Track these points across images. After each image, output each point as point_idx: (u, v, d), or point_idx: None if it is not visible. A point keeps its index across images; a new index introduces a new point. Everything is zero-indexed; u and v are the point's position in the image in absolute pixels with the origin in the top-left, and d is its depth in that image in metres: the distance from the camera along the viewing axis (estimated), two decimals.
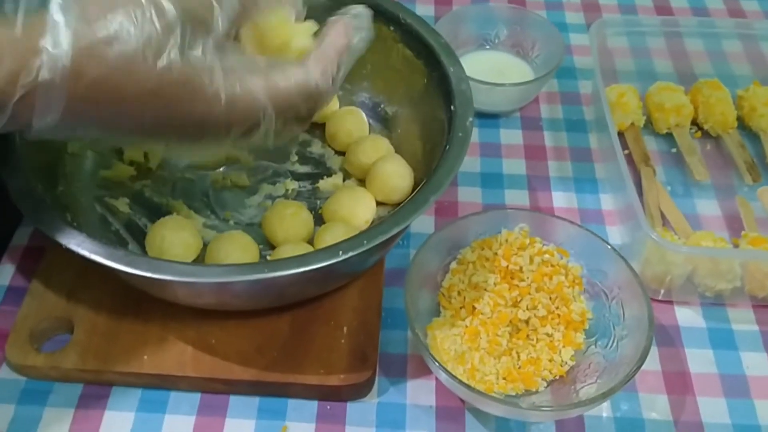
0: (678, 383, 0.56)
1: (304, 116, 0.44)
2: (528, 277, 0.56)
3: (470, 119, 0.56)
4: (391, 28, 0.64)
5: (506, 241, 0.58)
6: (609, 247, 0.56)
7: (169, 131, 0.42)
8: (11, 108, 0.37)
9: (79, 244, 0.47)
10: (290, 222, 0.59)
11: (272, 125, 0.43)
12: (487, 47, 0.80)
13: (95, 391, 0.54)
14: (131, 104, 0.39)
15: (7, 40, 0.37)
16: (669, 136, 0.73)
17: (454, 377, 0.48)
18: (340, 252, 0.47)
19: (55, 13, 0.37)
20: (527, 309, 0.56)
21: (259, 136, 0.43)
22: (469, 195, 0.68)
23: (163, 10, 0.39)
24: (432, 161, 0.58)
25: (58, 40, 0.37)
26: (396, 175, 0.61)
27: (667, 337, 0.59)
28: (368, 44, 0.47)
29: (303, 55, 0.44)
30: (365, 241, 0.48)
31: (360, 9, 0.47)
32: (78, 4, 0.38)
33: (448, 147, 0.54)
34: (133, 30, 0.38)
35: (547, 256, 0.57)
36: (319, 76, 0.43)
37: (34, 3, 0.38)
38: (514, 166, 0.71)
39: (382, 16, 0.63)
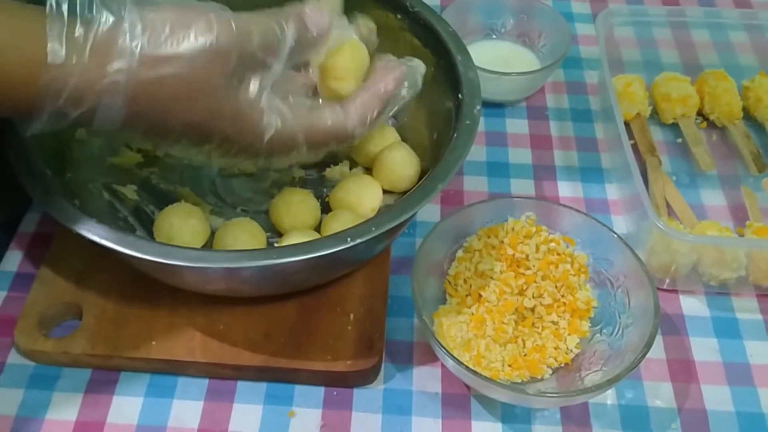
0: (682, 371, 0.56)
1: (332, 151, 0.49)
2: (534, 266, 0.57)
3: (478, 107, 0.56)
4: (399, 16, 0.64)
5: (512, 229, 0.58)
6: (615, 235, 0.56)
7: (209, 153, 0.46)
8: (75, 116, 0.41)
9: (90, 230, 0.47)
10: (297, 209, 0.59)
11: (301, 158, 0.48)
12: (494, 36, 0.80)
13: (104, 376, 0.54)
14: (175, 130, 0.43)
15: (78, 61, 0.39)
16: (675, 127, 0.73)
17: (460, 363, 0.49)
18: (348, 239, 0.48)
19: (123, 38, 0.40)
20: (533, 297, 0.56)
21: (285, 161, 0.48)
22: (475, 184, 0.68)
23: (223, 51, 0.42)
24: (439, 150, 0.58)
25: (124, 64, 0.39)
26: (403, 163, 0.61)
27: (671, 326, 0.59)
28: (414, 96, 0.51)
29: (352, 89, 0.48)
30: (373, 228, 0.48)
31: (417, 62, 0.51)
32: (147, 27, 0.40)
33: (455, 135, 0.54)
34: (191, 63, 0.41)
35: (553, 244, 0.57)
36: (356, 122, 0.47)
37: (104, 25, 0.40)
38: (520, 155, 0.71)
39: (389, 4, 0.63)
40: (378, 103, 0.48)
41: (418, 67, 0.51)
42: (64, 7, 0.39)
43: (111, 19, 0.39)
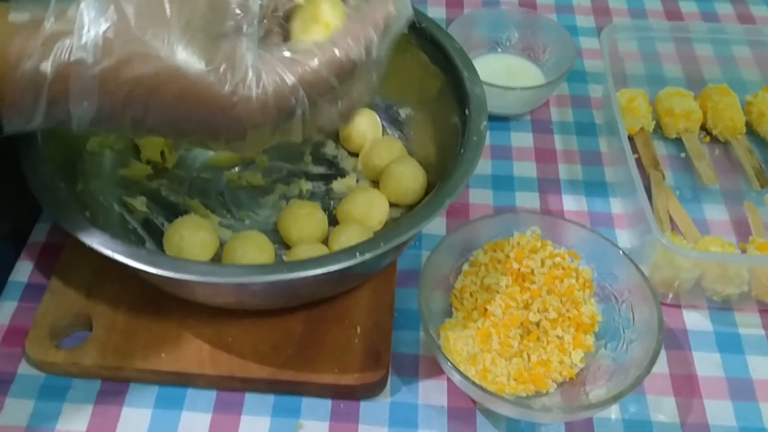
0: (685, 386, 0.57)
1: (340, 91, 0.43)
2: (539, 280, 0.57)
3: (484, 123, 0.57)
4: (406, 31, 0.64)
5: (518, 243, 0.59)
6: (619, 251, 0.56)
7: (201, 129, 0.42)
8: (47, 91, 0.38)
9: (102, 243, 0.48)
10: (305, 222, 0.60)
11: (306, 107, 0.42)
12: (499, 50, 0.80)
13: (113, 387, 0.55)
14: (159, 98, 0.40)
15: (40, 20, 0.38)
16: (678, 141, 0.74)
17: (467, 378, 0.49)
18: (357, 254, 0.48)
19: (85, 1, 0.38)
20: (538, 311, 0.56)
21: (297, 122, 0.43)
22: (480, 197, 0.69)
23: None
24: (445, 164, 0.59)
25: (87, 20, 0.38)
26: (409, 177, 0.62)
27: (675, 341, 0.60)
28: (405, 23, 0.45)
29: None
30: (382, 244, 0.49)
31: None
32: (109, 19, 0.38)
33: (462, 151, 0.55)
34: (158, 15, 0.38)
35: (558, 259, 0.58)
36: (348, 47, 0.42)
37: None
38: (525, 168, 0.72)
39: None
40: (368, 23, 0.43)
41: None
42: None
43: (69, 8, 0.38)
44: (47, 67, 0.38)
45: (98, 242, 0.48)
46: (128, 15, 0.39)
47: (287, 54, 0.42)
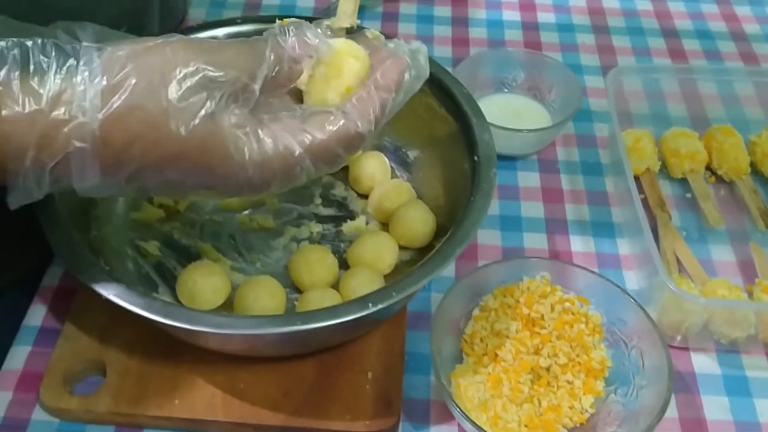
0: (694, 430, 0.57)
1: (342, 160, 0.44)
2: (549, 325, 0.58)
3: (493, 170, 0.58)
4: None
5: (528, 288, 0.59)
6: (629, 297, 0.57)
7: (201, 189, 0.43)
8: (49, 174, 0.39)
9: (119, 295, 0.48)
10: (316, 267, 0.60)
11: (311, 174, 0.43)
12: (505, 90, 0.81)
13: None
14: (156, 167, 0.40)
15: (36, 110, 0.37)
16: (683, 181, 0.75)
17: (479, 428, 0.50)
18: (370, 304, 0.49)
19: (81, 82, 0.38)
20: (548, 356, 0.57)
21: (298, 183, 0.44)
22: (488, 238, 0.70)
23: (194, 77, 0.40)
24: (454, 206, 0.59)
25: (84, 109, 0.38)
26: (419, 221, 0.63)
27: (683, 384, 0.60)
28: (422, 83, 0.45)
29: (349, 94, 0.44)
30: (394, 293, 0.50)
31: (417, 45, 0.45)
32: (105, 69, 0.38)
33: (472, 199, 0.56)
34: (156, 98, 0.39)
35: (567, 304, 0.59)
36: (359, 121, 0.43)
37: (60, 71, 0.38)
38: (532, 209, 0.73)
39: None
40: (379, 96, 0.43)
41: (420, 48, 0.45)
42: (15, 52, 0.37)
43: (68, 63, 0.38)
44: (47, 157, 0.38)
45: (114, 294, 0.48)
46: (126, 85, 0.38)
47: (296, 121, 0.43)
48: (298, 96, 0.47)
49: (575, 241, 0.70)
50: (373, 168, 0.68)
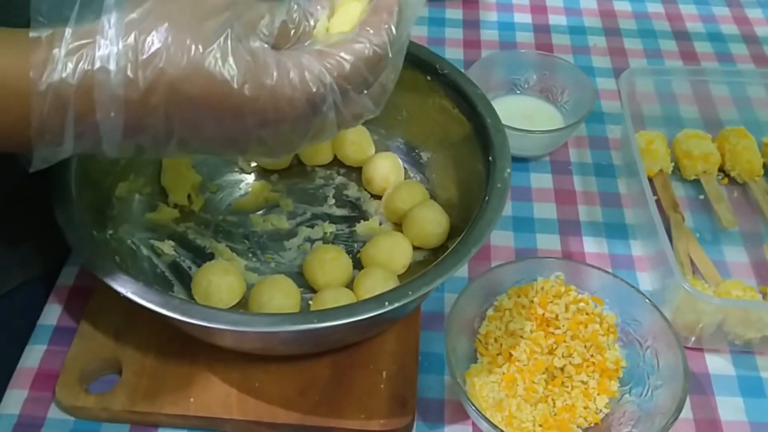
0: (709, 431, 0.57)
1: (368, 83, 0.43)
2: (563, 325, 0.58)
3: (508, 171, 0.58)
4: (429, 77, 0.65)
5: (542, 288, 0.59)
6: (643, 297, 0.57)
7: (231, 130, 0.42)
8: (73, 104, 0.38)
9: (137, 293, 0.49)
10: (330, 267, 0.60)
11: (337, 95, 0.41)
12: (518, 92, 0.82)
13: (142, 431, 0.55)
14: (187, 105, 0.39)
15: (59, 39, 0.38)
16: (696, 183, 0.75)
17: (495, 426, 0.50)
18: (386, 303, 0.49)
19: (107, 15, 0.38)
20: (563, 356, 0.57)
21: (330, 113, 0.42)
22: (501, 239, 0.70)
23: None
24: (467, 207, 0.60)
25: (109, 33, 0.38)
26: (432, 221, 0.63)
27: (698, 385, 0.60)
28: (423, 3, 0.45)
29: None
30: (410, 292, 0.50)
31: None
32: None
33: (487, 199, 0.56)
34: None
35: (582, 304, 0.59)
36: (374, 40, 0.42)
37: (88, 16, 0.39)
38: (545, 210, 0.73)
39: (419, 65, 0.65)
40: (387, 15, 0.43)
41: None
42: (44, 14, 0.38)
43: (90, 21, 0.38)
44: (71, 76, 0.38)
45: (132, 292, 0.49)
46: (151, 20, 0.39)
47: (317, 48, 0.42)
48: None
49: (588, 243, 0.70)
50: (387, 169, 0.68)
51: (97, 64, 0.38)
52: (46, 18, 0.38)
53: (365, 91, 0.44)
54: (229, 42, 0.39)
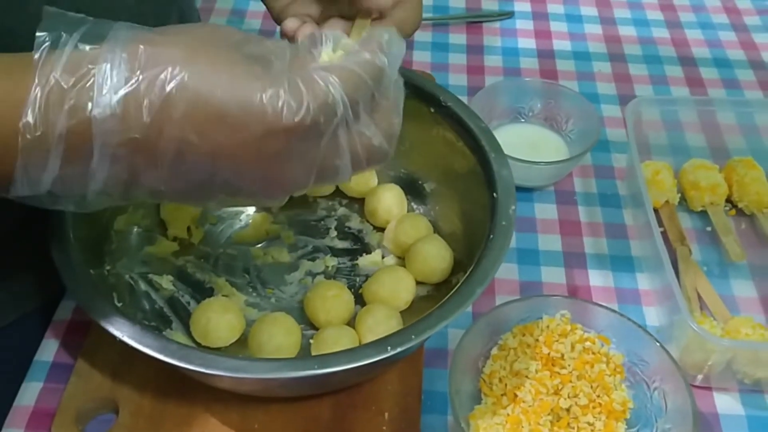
0: None
1: (375, 97, 0.42)
2: (569, 365, 0.57)
3: (513, 208, 0.57)
4: (432, 109, 0.65)
5: (547, 327, 0.58)
6: (651, 338, 0.56)
7: (238, 154, 0.40)
8: (65, 140, 0.37)
9: (133, 337, 0.47)
10: (332, 304, 0.59)
11: (347, 105, 0.40)
12: (522, 120, 0.81)
13: None
14: (200, 133, 0.38)
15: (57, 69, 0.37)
16: (703, 214, 0.74)
17: None
18: (389, 347, 0.48)
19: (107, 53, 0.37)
20: (568, 397, 0.56)
21: (343, 135, 0.41)
22: (505, 272, 0.69)
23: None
24: (472, 242, 0.59)
25: (111, 75, 0.37)
26: (436, 256, 0.62)
27: (706, 425, 0.59)
28: (402, 48, 0.45)
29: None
30: (413, 336, 0.49)
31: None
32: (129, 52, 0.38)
33: (492, 237, 0.55)
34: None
35: (588, 343, 0.57)
36: (373, 52, 0.42)
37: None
38: (550, 242, 0.72)
39: (422, 97, 0.64)
40: (376, 40, 0.42)
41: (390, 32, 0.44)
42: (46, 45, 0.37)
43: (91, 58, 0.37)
44: (64, 118, 0.37)
45: (128, 336, 0.48)
46: (156, 53, 0.38)
47: (320, 64, 0.42)
48: None
49: (594, 276, 0.69)
50: (390, 201, 0.67)
51: (97, 110, 0.37)
52: (45, 50, 0.37)
53: (374, 123, 0.43)
54: (237, 62, 0.39)
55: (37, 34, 0.38)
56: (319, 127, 0.40)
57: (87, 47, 0.38)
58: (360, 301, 0.62)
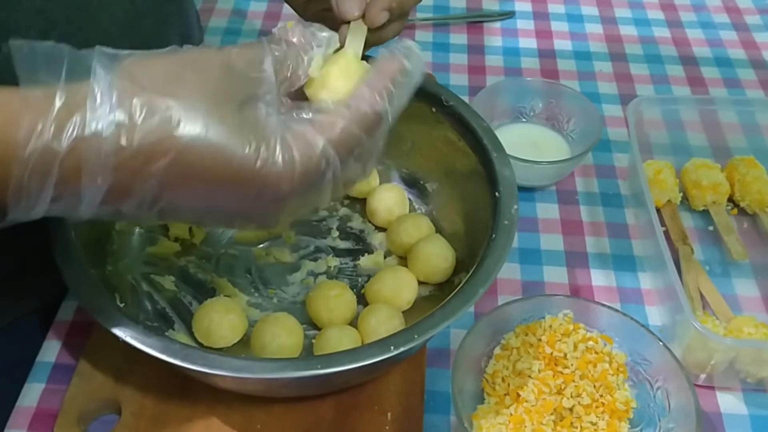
0: None
1: (368, 146, 0.42)
2: (572, 364, 0.57)
3: (515, 207, 0.57)
4: (434, 109, 0.65)
5: (550, 327, 0.58)
6: (654, 337, 0.56)
7: (225, 203, 0.40)
8: (57, 168, 0.36)
9: (135, 338, 0.47)
10: (334, 304, 0.59)
11: (338, 168, 0.40)
12: (523, 120, 0.81)
13: None
14: (178, 168, 0.37)
15: (49, 103, 0.36)
16: (705, 213, 0.74)
17: None
18: (392, 347, 0.48)
19: (98, 78, 0.36)
20: (571, 397, 0.56)
21: (327, 186, 0.41)
22: (508, 271, 0.68)
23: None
24: (474, 241, 0.59)
25: (101, 98, 0.36)
26: (438, 256, 0.62)
27: (709, 424, 0.59)
28: (422, 72, 0.45)
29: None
30: (415, 336, 0.49)
31: (408, 42, 0.44)
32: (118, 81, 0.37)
33: (494, 236, 0.55)
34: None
35: (591, 343, 0.57)
36: (374, 101, 0.41)
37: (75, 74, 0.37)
38: (552, 241, 0.71)
39: (425, 97, 0.64)
40: (386, 78, 0.42)
41: (412, 45, 0.44)
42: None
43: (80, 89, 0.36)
44: (58, 142, 0.35)
45: (131, 336, 0.47)
46: (143, 85, 0.37)
47: (312, 116, 0.41)
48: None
49: (596, 275, 0.68)
50: (391, 201, 0.67)
51: (88, 131, 0.36)
52: (34, 79, 0.36)
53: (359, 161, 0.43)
54: (233, 110, 0.38)
55: (21, 83, 0.36)
56: (306, 191, 0.40)
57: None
58: (362, 301, 0.62)
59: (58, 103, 0.36)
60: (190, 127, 0.37)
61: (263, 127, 0.39)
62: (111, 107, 0.36)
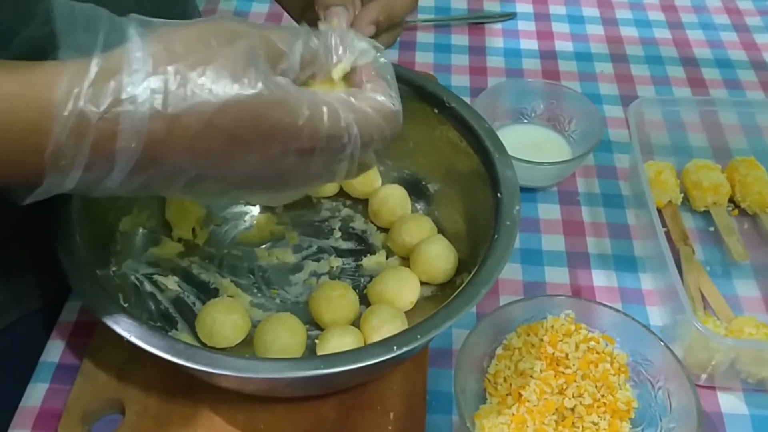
0: None
1: (387, 138, 0.44)
2: (574, 365, 0.57)
3: (517, 208, 0.57)
4: (435, 110, 0.65)
5: (552, 327, 0.58)
6: (655, 337, 0.56)
7: (244, 155, 0.40)
8: (93, 131, 0.37)
9: (140, 337, 0.48)
10: (337, 304, 0.59)
11: (357, 147, 0.42)
12: (525, 121, 0.81)
13: None
14: (209, 129, 0.38)
15: (86, 67, 0.36)
16: (706, 214, 0.74)
17: None
18: (395, 347, 0.48)
19: (134, 45, 0.37)
20: (573, 397, 0.56)
21: (345, 162, 0.43)
22: (509, 272, 0.69)
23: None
24: (476, 242, 0.59)
25: (136, 63, 0.37)
26: (440, 257, 0.62)
27: (710, 424, 0.59)
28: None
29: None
30: (419, 336, 0.49)
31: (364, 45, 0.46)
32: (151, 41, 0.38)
33: (496, 237, 0.55)
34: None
35: (592, 343, 0.58)
36: (389, 97, 0.43)
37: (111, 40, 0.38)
38: (553, 242, 0.72)
39: (426, 98, 0.64)
40: (381, 78, 0.44)
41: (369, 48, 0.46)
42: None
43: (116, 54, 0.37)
44: (96, 104, 0.36)
45: (136, 336, 0.48)
46: (177, 52, 0.38)
47: (341, 94, 0.42)
48: None
49: (597, 276, 0.69)
50: (393, 201, 0.67)
51: (124, 95, 0.37)
52: (73, 40, 0.37)
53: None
54: (263, 75, 0.39)
55: (60, 44, 0.37)
56: (330, 152, 0.42)
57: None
58: (364, 301, 0.62)
59: (95, 67, 0.37)
60: (222, 91, 0.38)
61: (294, 91, 0.40)
62: (146, 73, 0.37)
